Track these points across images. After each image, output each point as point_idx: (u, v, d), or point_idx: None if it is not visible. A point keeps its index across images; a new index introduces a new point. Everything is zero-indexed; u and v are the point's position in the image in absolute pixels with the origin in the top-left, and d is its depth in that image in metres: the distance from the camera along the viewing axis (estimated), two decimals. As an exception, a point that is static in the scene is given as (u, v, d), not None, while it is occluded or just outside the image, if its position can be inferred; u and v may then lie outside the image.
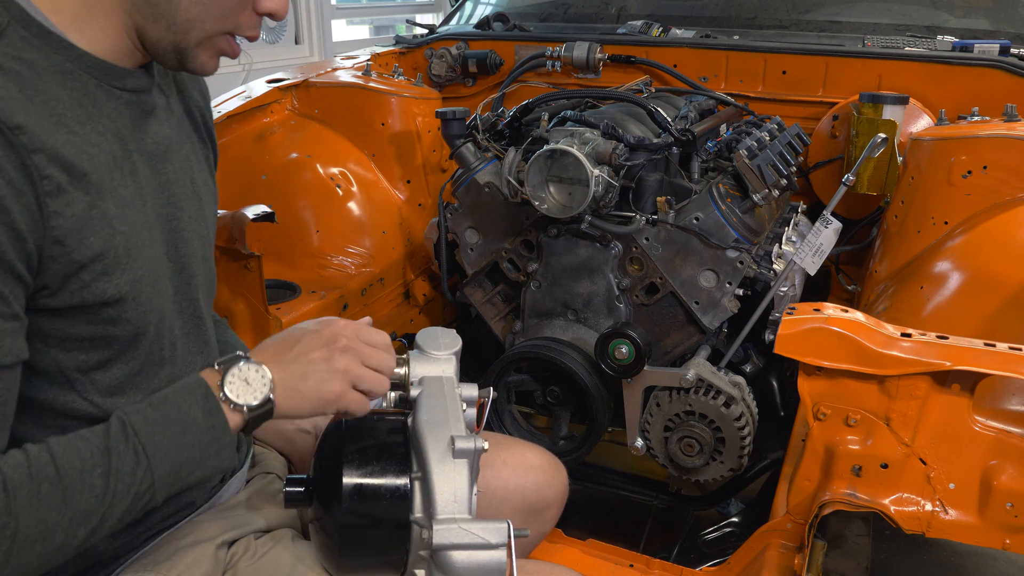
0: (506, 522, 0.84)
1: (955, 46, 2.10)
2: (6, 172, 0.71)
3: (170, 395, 0.82)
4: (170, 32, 0.85)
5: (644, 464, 1.88)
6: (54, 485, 0.73)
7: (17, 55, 0.76)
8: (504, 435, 1.37)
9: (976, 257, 1.58)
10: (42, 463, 0.73)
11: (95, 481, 0.75)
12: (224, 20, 0.86)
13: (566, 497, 1.33)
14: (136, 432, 0.78)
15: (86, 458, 0.75)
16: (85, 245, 0.78)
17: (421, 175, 2.27)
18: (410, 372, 0.97)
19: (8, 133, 0.72)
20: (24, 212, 0.73)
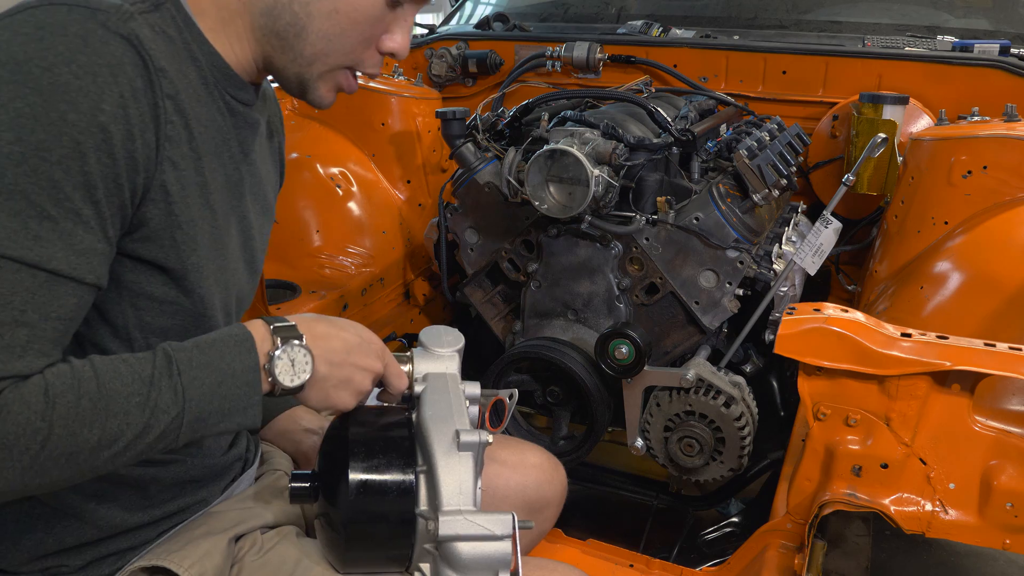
0: (511, 514, 0.84)
1: (955, 46, 2.10)
2: (140, 103, 0.75)
3: (217, 342, 0.82)
4: (295, 64, 0.91)
5: (644, 464, 1.89)
6: (94, 402, 0.73)
7: (165, 29, 0.82)
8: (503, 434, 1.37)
9: (976, 257, 1.58)
10: (86, 378, 0.73)
11: (131, 408, 0.75)
12: (348, 55, 0.92)
13: (565, 496, 1.33)
14: (180, 372, 0.78)
15: (128, 383, 0.75)
16: (185, 204, 0.82)
17: (421, 175, 2.27)
18: (414, 369, 0.98)
19: (153, 71, 0.76)
20: (145, 146, 0.76)
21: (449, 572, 0.84)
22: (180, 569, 0.90)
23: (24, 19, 0.72)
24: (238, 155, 0.94)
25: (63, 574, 0.90)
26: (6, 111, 0.70)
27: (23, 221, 0.70)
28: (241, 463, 1.09)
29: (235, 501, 1.04)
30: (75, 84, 0.71)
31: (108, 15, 0.74)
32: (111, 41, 0.74)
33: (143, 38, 0.76)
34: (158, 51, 0.78)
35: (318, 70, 0.92)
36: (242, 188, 0.96)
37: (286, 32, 0.88)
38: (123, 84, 0.74)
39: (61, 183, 0.71)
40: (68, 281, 0.73)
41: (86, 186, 0.72)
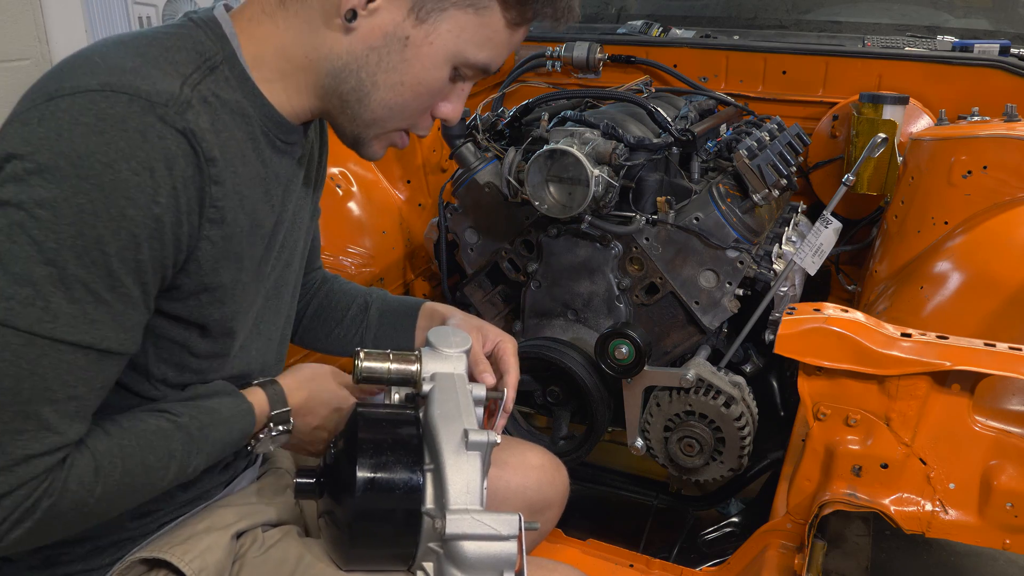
0: (517, 515, 0.85)
1: (955, 46, 2.10)
2: (189, 192, 0.79)
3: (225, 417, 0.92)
4: (353, 124, 0.93)
5: (644, 464, 1.88)
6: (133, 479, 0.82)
7: (217, 92, 0.84)
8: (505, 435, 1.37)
9: (976, 257, 1.58)
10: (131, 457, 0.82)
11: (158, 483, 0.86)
12: (405, 122, 0.95)
13: (567, 497, 1.33)
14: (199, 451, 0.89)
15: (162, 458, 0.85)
16: (216, 272, 0.86)
17: (421, 175, 2.27)
18: (422, 368, 0.99)
19: (203, 162, 0.80)
20: (189, 228, 0.81)
21: (454, 571, 0.84)
22: (181, 563, 0.91)
23: (85, 106, 0.74)
24: (281, 191, 0.96)
25: (63, 562, 0.91)
26: (69, 206, 0.72)
27: (82, 307, 0.74)
28: (245, 461, 1.09)
29: (237, 497, 1.05)
30: (134, 180, 0.74)
31: (166, 109, 0.77)
32: (168, 135, 0.76)
33: (197, 131, 0.79)
34: (209, 136, 0.81)
35: (375, 132, 0.94)
36: (282, 223, 0.99)
37: (349, 96, 0.90)
38: (176, 176, 0.77)
39: (117, 272, 0.76)
40: (114, 356, 0.78)
41: (138, 271, 0.77)
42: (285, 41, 0.88)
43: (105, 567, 0.93)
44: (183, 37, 0.85)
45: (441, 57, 0.89)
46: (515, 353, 1.14)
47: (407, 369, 0.99)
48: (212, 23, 0.88)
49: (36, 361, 0.73)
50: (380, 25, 0.86)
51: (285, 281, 1.05)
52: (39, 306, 0.72)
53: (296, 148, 0.98)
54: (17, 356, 0.72)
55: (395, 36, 0.86)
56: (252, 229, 0.90)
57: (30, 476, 0.73)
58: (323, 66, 0.89)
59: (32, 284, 0.72)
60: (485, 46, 0.90)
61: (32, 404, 0.73)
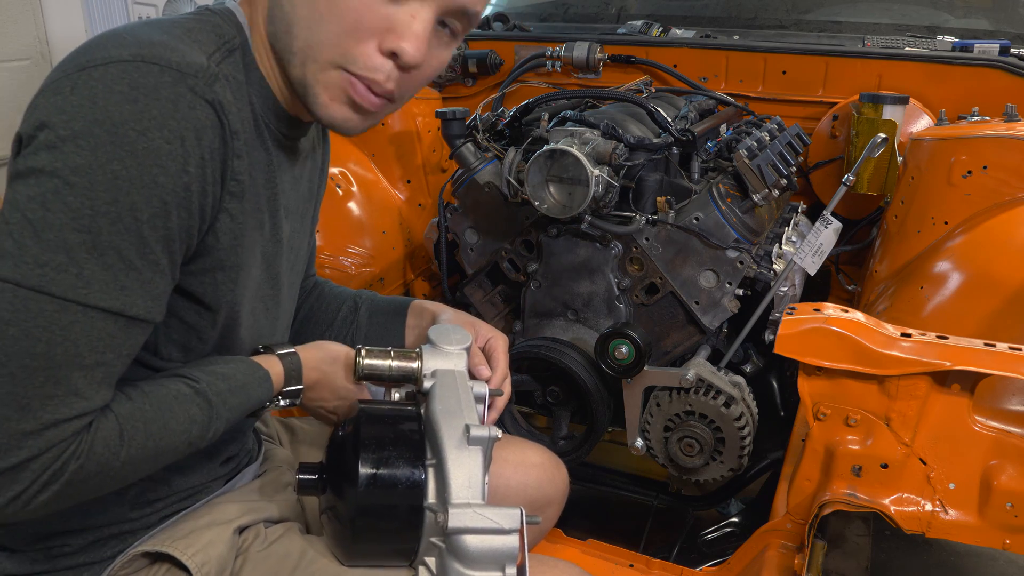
0: (519, 508, 0.85)
1: (955, 46, 2.10)
2: (215, 163, 0.81)
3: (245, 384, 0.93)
4: (293, 67, 0.88)
5: (644, 464, 1.88)
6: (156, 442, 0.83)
7: (234, 76, 0.86)
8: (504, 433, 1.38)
9: (976, 257, 1.58)
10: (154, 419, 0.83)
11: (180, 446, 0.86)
12: (334, 48, 0.84)
13: (567, 495, 1.33)
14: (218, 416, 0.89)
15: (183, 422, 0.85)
16: (233, 250, 0.87)
17: (421, 175, 2.27)
18: (423, 365, 0.99)
19: (228, 134, 0.82)
20: (212, 200, 0.82)
21: (456, 565, 0.85)
22: (184, 556, 0.91)
23: (118, 76, 0.75)
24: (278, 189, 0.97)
25: (65, 554, 0.91)
26: (104, 172, 0.73)
27: (113, 274, 0.76)
28: (247, 457, 1.09)
29: (239, 493, 1.05)
30: (166, 149, 0.76)
31: (196, 80, 0.78)
32: (198, 106, 0.78)
33: (224, 103, 0.81)
34: (233, 112, 0.83)
35: (312, 71, 0.86)
36: (284, 218, 0.99)
37: (284, 37, 0.87)
38: (205, 147, 0.79)
39: (148, 239, 0.77)
40: (142, 323, 0.80)
41: (167, 239, 0.79)
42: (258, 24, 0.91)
43: (107, 560, 0.93)
44: (203, 22, 0.87)
45: None
46: (506, 350, 1.16)
47: (408, 366, 1.00)
48: (228, 12, 0.90)
49: (68, 327, 0.74)
50: None
51: (289, 281, 1.06)
52: (73, 272, 0.73)
53: (296, 144, 0.99)
54: (51, 322, 0.73)
55: None
56: (256, 212, 0.91)
57: (58, 439, 0.75)
58: (263, 17, 0.90)
59: (66, 251, 0.73)
60: None
61: (63, 369, 0.74)
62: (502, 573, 0.85)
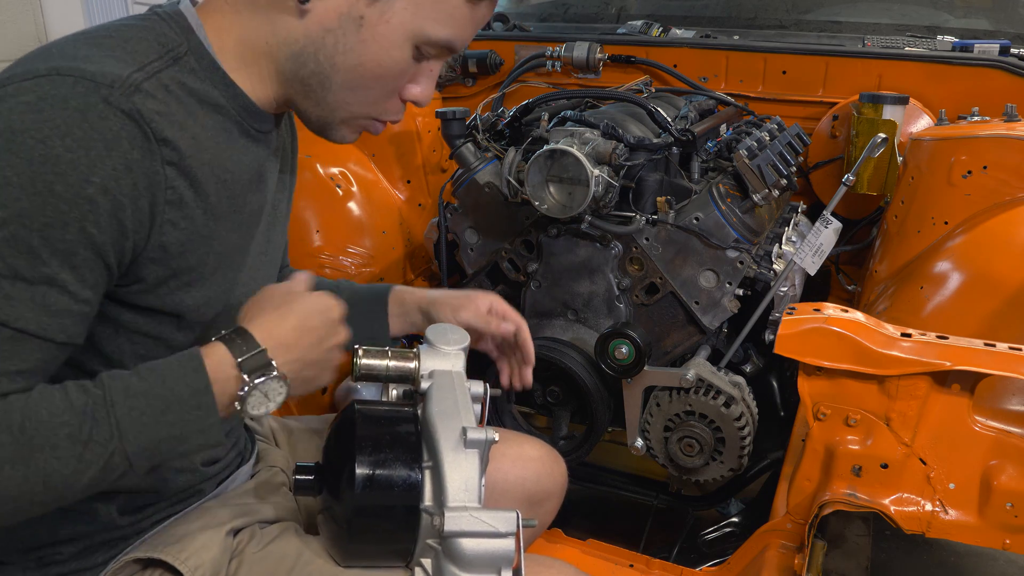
0: (515, 512, 0.85)
1: (955, 46, 2.10)
2: (135, 174, 0.77)
3: (159, 367, 0.81)
4: (318, 109, 0.92)
5: (644, 464, 1.88)
6: (15, 437, 0.72)
7: (183, 81, 0.84)
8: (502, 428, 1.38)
9: (976, 257, 1.58)
10: (12, 410, 0.73)
11: (60, 441, 0.73)
12: (371, 107, 0.93)
13: (565, 488, 1.33)
14: (113, 404, 0.76)
15: (56, 413, 0.74)
16: (184, 257, 0.84)
17: (421, 175, 2.27)
18: (420, 365, 0.99)
19: (153, 143, 0.78)
20: (136, 212, 0.78)
21: (452, 568, 0.85)
22: (176, 562, 0.91)
23: (30, 88, 0.74)
24: (256, 183, 0.95)
25: (56, 562, 0.90)
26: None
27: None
28: (238, 458, 1.09)
29: (232, 496, 1.05)
30: (66, 157, 0.73)
31: (112, 90, 0.75)
32: (110, 116, 0.75)
33: (145, 111, 0.77)
34: (163, 119, 0.79)
35: (340, 116, 0.93)
36: (259, 214, 0.98)
37: (310, 80, 0.90)
38: (116, 158, 0.75)
39: (38, 250, 0.73)
40: (33, 339, 0.75)
41: (66, 253, 0.74)
42: (246, 29, 0.89)
43: (99, 567, 0.92)
44: (145, 29, 0.85)
45: (399, 36, 0.87)
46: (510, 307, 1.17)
47: (405, 366, 0.99)
48: (177, 16, 0.88)
49: None
50: (334, 6, 0.85)
51: (266, 275, 1.04)
52: None
53: (270, 137, 0.97)
54: None
55: (350, 16, 0.86)
56: (229, 214, 0.89)
57: None
58: (282, 51, 0.89)
59: None
60: (446, 23, 0.88)
61: None
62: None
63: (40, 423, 0.73)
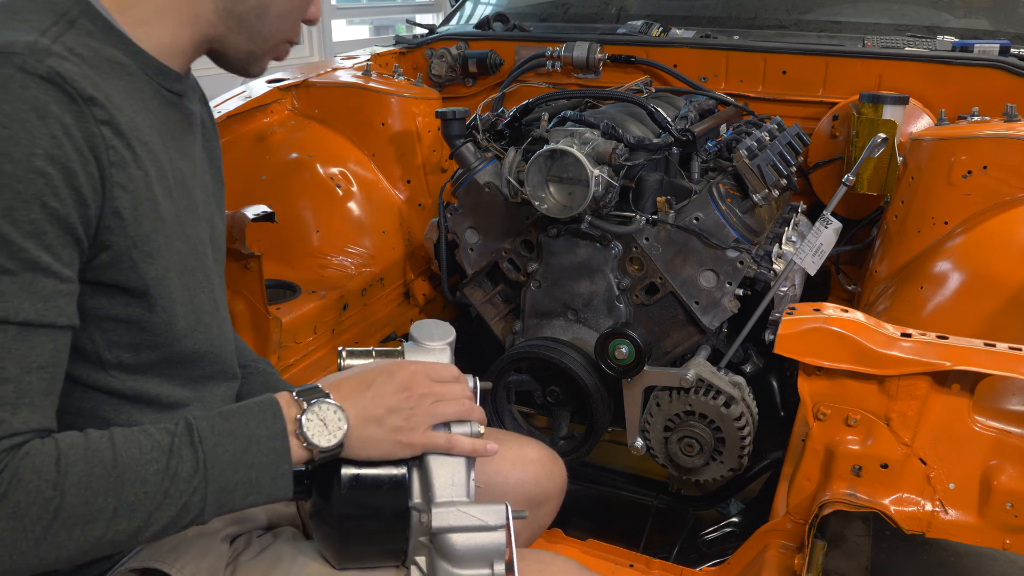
0: (504, 504, 0.85)
1: (955, 46, 2.10)
2: (75, 138, 0.74)
3: (241, 409, 0.83)
4: (250, 43, 0.92)
5: (644, 464, 1.88)
6: (108, 470, 0.73)
7: (85, 43, 0.80)
8: (502, 430, 1.38)
9: (976, 257, 1.58)
10: (101, 447, 0.74)
11: (150, 477, 0.75)
12: (293, 29, 0.96)
13: (565, 490, 1.33)
14: (201, 439, 0.78)
15: (146, 451, 0.75)
16: (139, 223, 0.81)
17: (421, 175, 2.27)
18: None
19: (81, 103, 0.75)
20: (89, 178, 0.75)
21: (444, 564, 0.85)
22: (172, 570, 0.90)
23: None
24: (179, 153, 0.92)
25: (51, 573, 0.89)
26: None
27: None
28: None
29: None
30: (3, 135, 0.70)
31: (24, 57, 0.73)
32: (31, 84, 0.72)
33: (64, 72, 0.74)
34: (83, 79, 0.76)
35: (271, 45, 0.94)
36: (189, 188, 0.93)
37: (247, 14, 0.90)
38: (52, 124, 0.73)
39: (10, 236, 0.71)
40: (40, 329, 0.73)
41: (36, 234, 0.72)
42: None
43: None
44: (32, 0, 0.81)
45: None
46: None
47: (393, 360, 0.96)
48: None
49: None
50: None
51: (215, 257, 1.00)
52: None
53: (184, 103, 0.94)
54: None
55: None
56: (159, 179, 0.85)
57: None
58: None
59: None
60: None
61: None
62: (490, 570, 0.85)
63: (131, 460, 0.74)
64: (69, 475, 0.71)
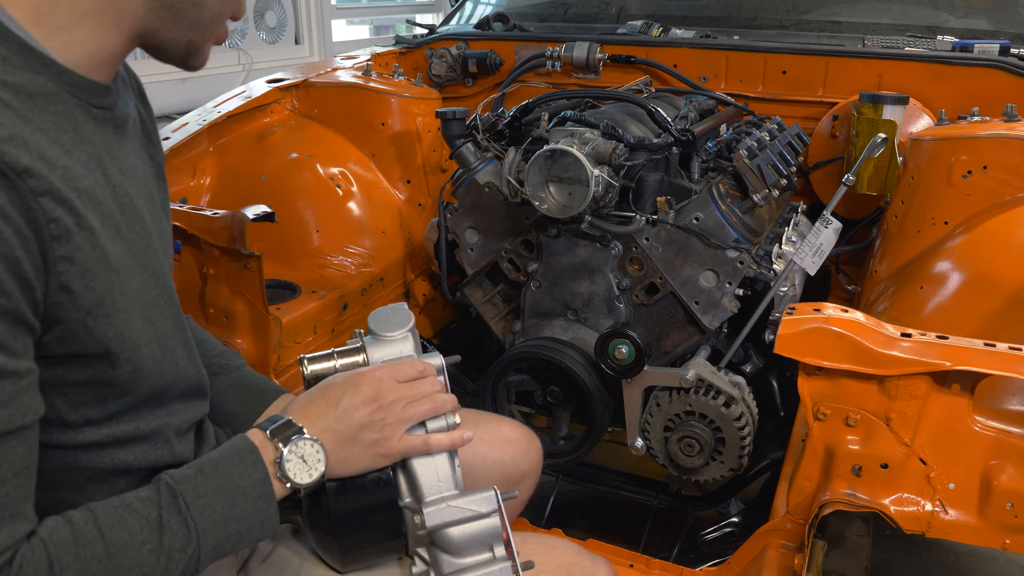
0: (492, 489, 0.86)
1: (955, 46, 2.10)
2: (12, 220, 0.66)
3: (221, 462, 0.82)
4: (189, 32, 0.83)
5: (644, 464, 1.88)
6: (103, 564, 0.71)
7: (2, 79, 0.70)
8: (479, 411, 1.39)
9: (976, 257, 1.58)
10: (89, 539, 0.72)
11: (145, 559, 0.74)
12: (229, 10, 0.86)
13: (540, 467, 1.35)
14: (188, 506, 0.77)
15: (136, 533, 0.74)
16: (90, 289, 0.74)
17: (421, 175, 2.27)
18: (369, 358, 0.95)
19: (14, 178, 0.67)
20: (30, 259, 0.68)
21: (445, 556, 0.86)
22: None
23: None
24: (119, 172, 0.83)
25: None
26: None
27: None
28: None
29: None
30: None
31: None
32: None
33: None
34: (10, 144, 0.67)
35: (211, 31, 0.85)
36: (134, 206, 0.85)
37: (181, 4, 0.80)
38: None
39: None
40: (8, 436, 0.68)
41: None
42: None
43: None
44: None
45: None
46: None
47: (354, 362, 0.95)
48: None
49: None
50: None
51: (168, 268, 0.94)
52: None
53: (113, 112, 0.84)
54: None
55: None
56: (105, 227, 0.77)
57: None
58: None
59: None
60: None
61: None
62: (491, 554, 0.87)
63: (123, 545, 0.73)
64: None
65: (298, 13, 4.82)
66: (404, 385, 0.90)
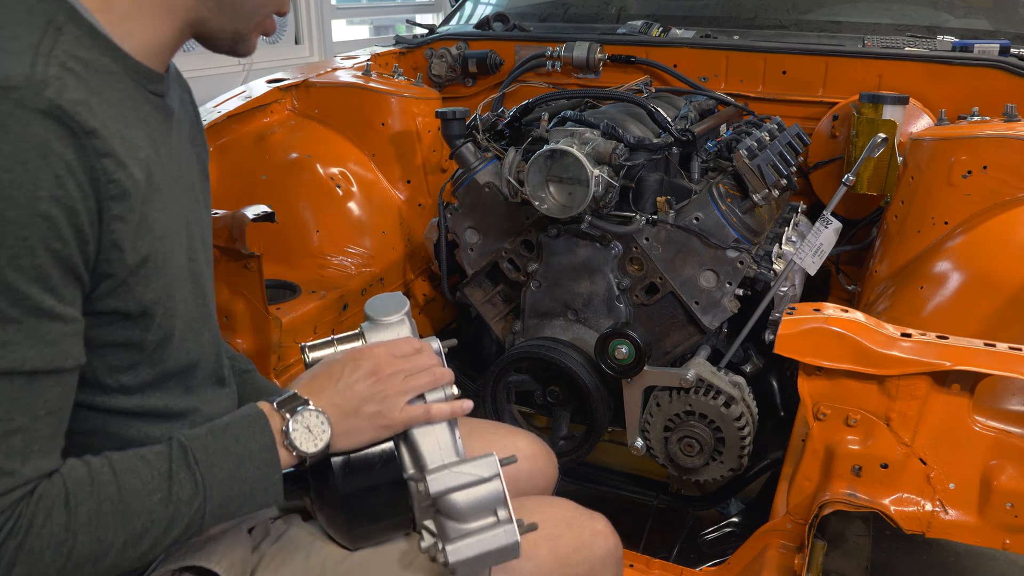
0: (491, 454, 0.89)
1: (955, 46, 2.10)
2: (77, 176, 0.72)
3: (230, 425, 0.85)
4: (235, 21, 0.88)
5: (644, 464, 1.88)
6: (115, 505, 0.75)
7: (75, 54, 0.75)
8: (494, 423, 1.39)
9: (976, 257, 1.58)
10: (104, 480, 0.76)
11: (154, 506, 0.77)
12: (279, 3, 0.91)
13: (555, 483, 1.34)
14: (197, 461, 0.80)
15: (147, 481, 0.78)
16: (136, 250, 0.79)
17: (421, 175, 2.27)
18: (368, 343, 0.99)
19: (83, 137, 0.72)
20: (88, 214, 0.73)
21: (452, 523, 0.88)
22: (210, 563, 0.92)
23: None
24: (169, 158, 0.89)
25: None
26: None
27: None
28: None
29: None
30: (6, 179, 0.67)
31: (22, 92, 0.69)
32: (32, 121, 0.69)
33: (64, 104, 0.71)
34: (82, 107, 0.72)
35: (256, 20, 0.90)
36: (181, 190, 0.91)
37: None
38: (55, 163, 0.70)
39: (15, 283, 0.69)
40: (47, 375, 0.72)
41: (40, 278, 0.70)
42: None
43: None
44: (7, 7, 0.75)
45: None
46: None
47: (353, 347, 0.98)
48: None
49: None
50: None
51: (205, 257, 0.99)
52: None
53: (164, 100, 0.89)
54: None
55: None
56: (156, 198, 0.82)
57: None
58: None
59: None
60: None
61: None
62: (495, 517, 0.89)
63: (135, 491, 0.76)
64: (79, 515, 0.73)
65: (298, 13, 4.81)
66: (402, 359, 0.93)
